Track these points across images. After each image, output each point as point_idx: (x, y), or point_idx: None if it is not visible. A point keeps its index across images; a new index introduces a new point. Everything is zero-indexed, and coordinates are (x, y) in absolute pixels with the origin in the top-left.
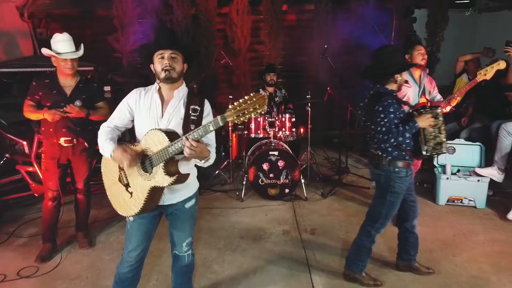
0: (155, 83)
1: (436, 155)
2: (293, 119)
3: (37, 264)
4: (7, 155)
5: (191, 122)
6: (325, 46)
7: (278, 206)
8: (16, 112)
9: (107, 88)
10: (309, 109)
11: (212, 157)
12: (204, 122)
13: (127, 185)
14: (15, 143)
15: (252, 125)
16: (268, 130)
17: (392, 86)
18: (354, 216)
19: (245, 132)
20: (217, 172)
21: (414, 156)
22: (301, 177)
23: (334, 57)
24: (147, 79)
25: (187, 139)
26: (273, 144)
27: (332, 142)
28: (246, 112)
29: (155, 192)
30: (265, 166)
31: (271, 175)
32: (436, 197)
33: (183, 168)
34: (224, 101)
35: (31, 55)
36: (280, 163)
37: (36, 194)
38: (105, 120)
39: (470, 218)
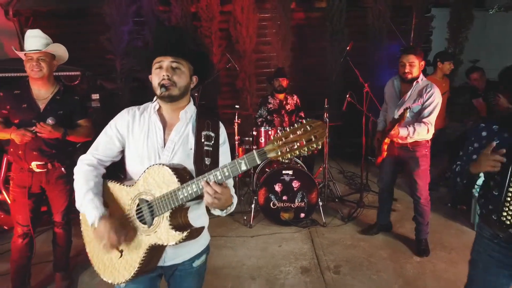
0: (154, 99)
1: None
2: None
3: None
4: None
5: (204, 154)
6: (347, 48)
7: (293, 234)
8: None
9: (95, 96)
10: (328, 120)
11: (235, 202)
12: (220, 152)
13: None
14: None
15: (262, 139)
16: None
17: None
18: (383, 249)
19: (254, 146)
20: None
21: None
22: (319, 200)
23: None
24: (142, 83)
25: (208, 183)
26: (286, 161)
27: (344, 151)
28: (296, 146)
29: (155, 251)
30: (277, 187)
31: (284, 198)
32: (475, 222)
33: (195, 217)
34: (227, 110)
35: (18, 57)
36: (295, 184)
37: (5, 227)
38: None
39: None
